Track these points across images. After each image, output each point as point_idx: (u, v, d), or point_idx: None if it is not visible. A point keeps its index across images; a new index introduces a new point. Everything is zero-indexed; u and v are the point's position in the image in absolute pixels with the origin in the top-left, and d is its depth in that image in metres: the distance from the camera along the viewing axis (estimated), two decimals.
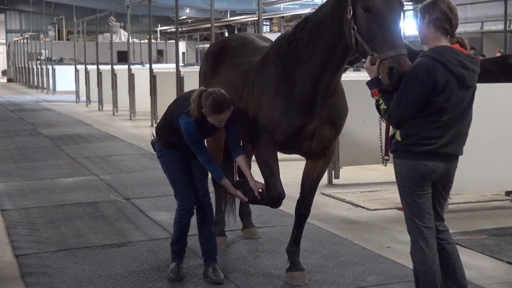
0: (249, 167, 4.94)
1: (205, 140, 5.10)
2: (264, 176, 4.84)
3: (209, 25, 18.40)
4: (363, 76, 9.25)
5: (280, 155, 4.93)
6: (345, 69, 4.80)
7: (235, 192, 4.91)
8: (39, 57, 35.60)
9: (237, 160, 4.99)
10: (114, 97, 19.78)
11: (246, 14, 39.07)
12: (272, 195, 4.78)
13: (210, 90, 4.73)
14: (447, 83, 3.67)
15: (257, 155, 4.88)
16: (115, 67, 20.38)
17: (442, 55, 3.69)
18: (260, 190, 4.83)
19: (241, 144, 5.03)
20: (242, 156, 4.90)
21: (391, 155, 3.95)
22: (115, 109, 19.79)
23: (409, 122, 3.74)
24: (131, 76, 18.24)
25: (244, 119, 4.89)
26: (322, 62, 4.50)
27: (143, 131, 14.94)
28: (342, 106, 4.85)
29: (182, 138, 4.80)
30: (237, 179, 5.79)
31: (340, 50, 4.37)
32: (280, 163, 4.88)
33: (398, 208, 7.03)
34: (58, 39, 43.94)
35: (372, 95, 3.85)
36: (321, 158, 4.95)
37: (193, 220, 5.07)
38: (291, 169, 7.27)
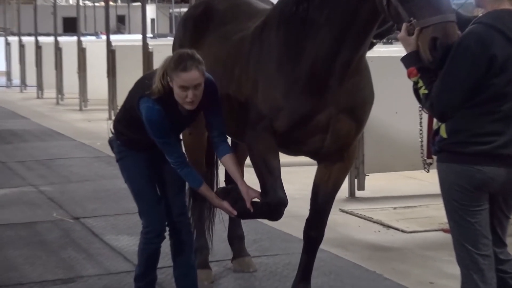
0: (239, 170, 4.93)
1: (180, 136, 5.09)
2: (259, 176, 4.83)
3: None
4: (397, 50, 9.26)
5: (283, 159, 4.92)
6: (373, 44, 4.81)
7: (220, 204, 4.86)
8: None
9: (222, 161, 4.95)
10: (59, 80, 19.81)
11: None
12: (270, 201, 4.75)
13: (177, 50, 4.90)
14: (508, 60, 3.69)
15: (251, 149, 4.90)
16: (59, 39, 20.42)
17: (501, 21, 3.70)
18: (255, 199, 4.80)
19: (228, 139, 5.00)
20: (229, 155, 4.87)
21: (434, 157, 3.96)
22: (59, 96, 19.85)
23: (457, 113, 3.75)
24: (81, 51, 18.27)
25: (235, 105, 4.91)
26: (340, 30, 4.51)
27: (98, 125, 14.94)
28: (366, 90, 4.88)
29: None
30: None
31: (365, 14, 4.39)
32: (282, 169, 4.86)
33: (444, 230, 7.04)
34: None
35: (409, 76, 3.86)
36: (338, 161, 4.96)
37: (166, 247, 5.07)
38: (299, 177, 7.30)
